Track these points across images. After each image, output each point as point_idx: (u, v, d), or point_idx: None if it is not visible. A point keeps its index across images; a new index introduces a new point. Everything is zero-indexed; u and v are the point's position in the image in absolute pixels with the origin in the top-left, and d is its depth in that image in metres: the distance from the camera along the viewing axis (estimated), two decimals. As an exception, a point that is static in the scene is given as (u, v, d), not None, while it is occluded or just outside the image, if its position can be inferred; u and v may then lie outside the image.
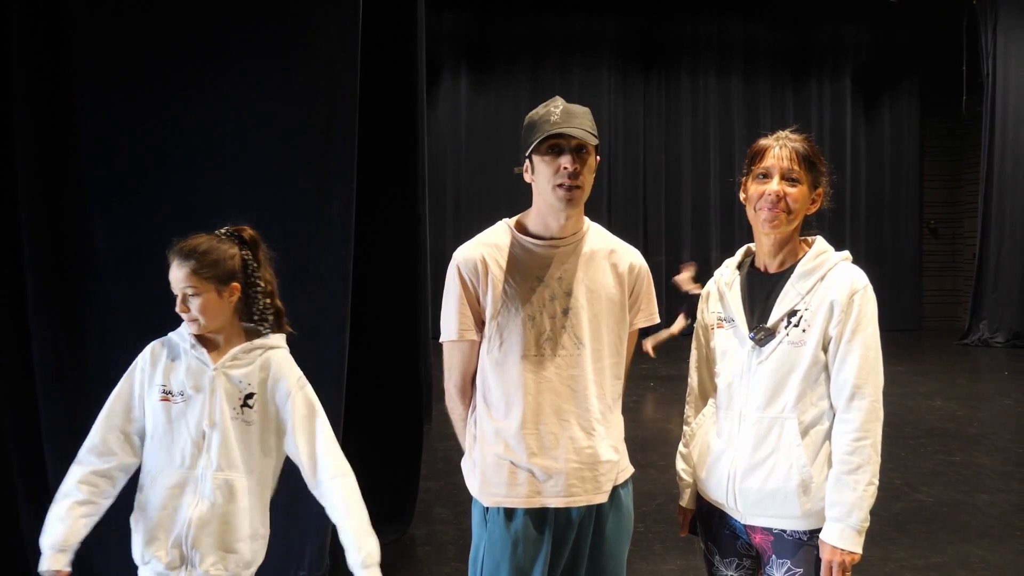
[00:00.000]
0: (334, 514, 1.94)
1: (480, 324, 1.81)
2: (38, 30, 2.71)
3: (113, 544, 2.06)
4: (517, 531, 1.77)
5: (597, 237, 1.87)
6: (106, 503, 1.93)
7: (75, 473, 1.92)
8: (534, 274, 1.79)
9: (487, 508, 1.81)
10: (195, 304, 1.88)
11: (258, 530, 1.97)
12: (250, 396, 1.93)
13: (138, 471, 1.97)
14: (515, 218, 1.87)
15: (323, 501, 1.96)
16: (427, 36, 6.24)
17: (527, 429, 1.77)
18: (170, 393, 1.90)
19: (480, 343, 1.82)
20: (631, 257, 1.89)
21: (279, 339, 2.01)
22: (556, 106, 1.76)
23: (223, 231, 2.00)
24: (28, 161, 2.74)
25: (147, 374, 1.94)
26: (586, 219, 1.87)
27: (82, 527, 1.88)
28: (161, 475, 1.91)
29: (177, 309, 1.90)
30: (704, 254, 12.18)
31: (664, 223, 12.44)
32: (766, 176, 1.74)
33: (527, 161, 1.79)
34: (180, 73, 2.80)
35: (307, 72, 2.87)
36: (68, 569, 1.86)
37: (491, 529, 1.80)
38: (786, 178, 1.73)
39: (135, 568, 1.96)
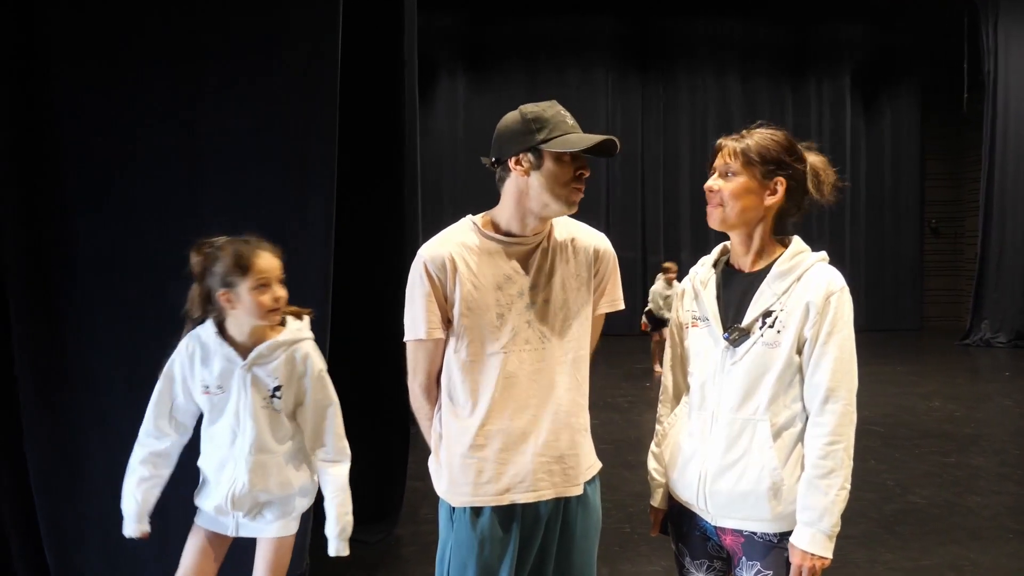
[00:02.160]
0: (325, 487, 2.23)
1: (447, 322, 1.79)
2: (14, 30, 2.70)
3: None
4: (484, 530, 1.76)
5: (560, 227, 1.86)
6: (167, 472, 2.24)
7: (137, 454, 2.22)
8: (501, 271, 1.78)
9: (453, 508, 1.80)
10: (282, 294, 2.09)
11: (290, 480, 2.20)
12: (277, 388, 2.15)
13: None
14: (480, 215, 1.85)
15: (318, 470, 2.24)
16: (423, 36, 6.23)
17: (494, 425, 1.76)
18: (208, 387, 2.15)
19: (446, 341, 1.80)
20: (595, 241, 1.88)
21: (303, 328, 2.21)
22: (563, 110, 1.76)
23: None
24: (5, 162, 2.73)
25: (187, 367, 2.16)
26: None
27: (152, 497, 2.22)
28: (210, 451, 2.20)
29: (268, 300, 2.07)
30: (703, 253, 12.13)
31: (662, 222, 12.42)
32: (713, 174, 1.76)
33: (528, 154, 1.73)
34: (158, 73, 2.79)
35: (286, 72, 2.85)
36: (148, 529, 2.24)
37: (457, 529, 1.79)
38: (723, 173, 1.73)
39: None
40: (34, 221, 2.78)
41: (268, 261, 2.08)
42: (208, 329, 2.15)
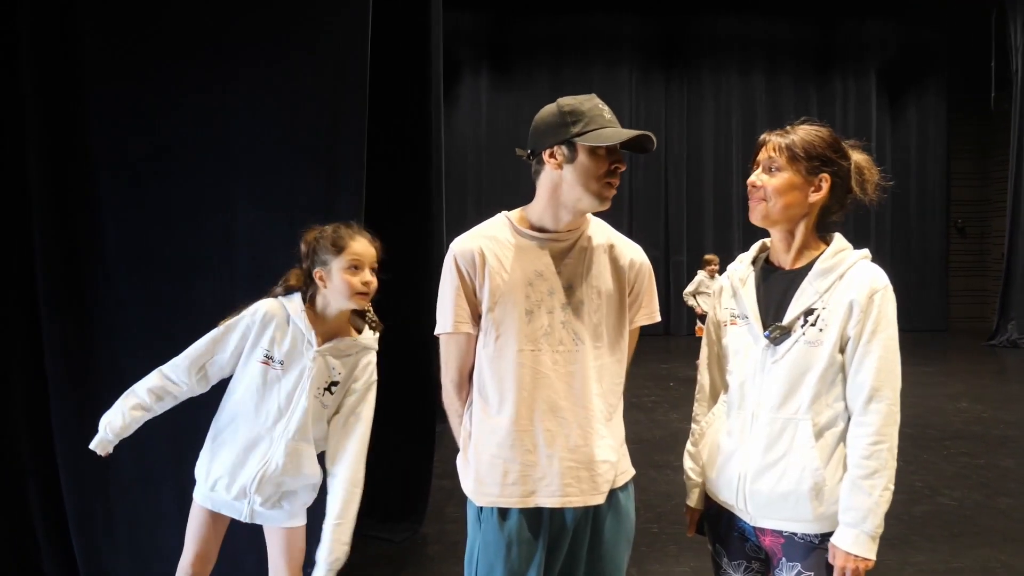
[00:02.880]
0: (331, 509, 2.15)
1: (476, 317, 1.78)
2: (48, 29, 2.73)
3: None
4: (511, 532, 1.74)
5: (598, 231, 1.83)
6: (159, 411, 2.25)
7: (150, 379, 2.22)
8: (533, 268, 1.76)
9: (481, 508, 1.78)
10: (372, 281, 2.12)
11: (315, 473, 2.20)
12: (334, 384, 2.17)
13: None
14: (515, 211, 1.84)
15: (329, 490, 2.18)
16: (447, 35, 6.23)
17: (522, 425, 1.74)
18: (271, 358, 2.14)
19: (476, 337, 1.79)
20: (632, 253, 1.85)
21: (374, 341, 2.26)
22: (601, 103, 1.73)
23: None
24: (39, 160, 2.76)
25: (254, 331, 2.15)
26: (587, 214, 1.84)
27: (134, 424, 2.22)
28: (243, 426, 2.17)
29: (357, 282, 2.11)
30: (727, 253, 12.08)
31: (686, 222, 12.35)
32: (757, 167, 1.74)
33: (562, 147, 1.71)
34: (189, 70, 2.80)
35: (316, 68, 2.86)
36: (111, 451, 2.25)
37: (485, 529, 1.77)
38: (767, 168, 1.71)
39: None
40: (66, 220, 2.80)
41: (363, 246, 2.13)
42: (296, 303, 2.15)
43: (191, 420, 2.84)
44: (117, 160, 2.81)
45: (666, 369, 8.90)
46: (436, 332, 1.81)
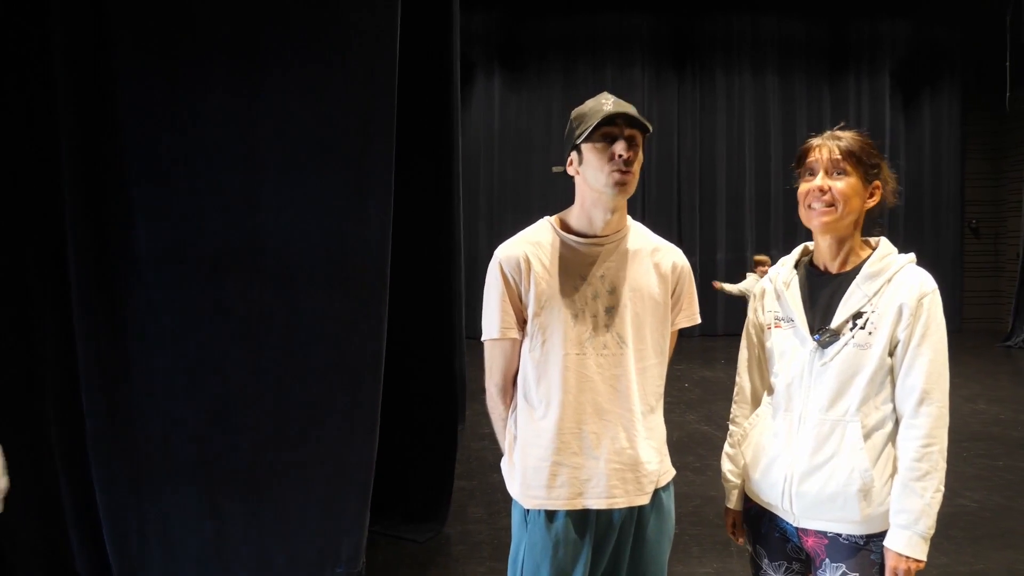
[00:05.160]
0: None
1: (522, 322, 1.79)
2: (81, 30, 2.75)
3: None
4: (558, 533, 1.76)
5: (640, 236, 1.85)
6: None
7: None
8: (577, 272, 1.77)
9: (527, 510, 1.80)
10: None
11: None
12: None
13: None
14: (557, 216, 1.85)
15: None
16: (460, 36, 6.24)
17: (568, 428, 1.76)
18: None
19: (522, 342, 1.80)
20: (674, 256, 1.86)
21: None
22: (607, 99, 1.74)
23: None
24: (72, 161, 2.78)
25: None
26: (628, 217, 1.85)
27: None
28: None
29: None
30: (739, 253, 12.07)
31: (699, 221, 12.33)
32: (812, 173, 1.72)
33: (574, 153, 1.76)
34: (219, 73, 2.82)
35: (345, 71, 2.88)
36: None
37: (532, 531, 1.78)
38: (831, 172, 1.71)
39: None
40: (98, 221, 2.83)
41: None
42: None
43: (218, 419, 2.88)
44: (149, 160, 2.83)
45: (680, 370, 8.90)
46: (483, 339, 1.82)
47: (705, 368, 8.54)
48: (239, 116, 2.84)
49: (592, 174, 1.73)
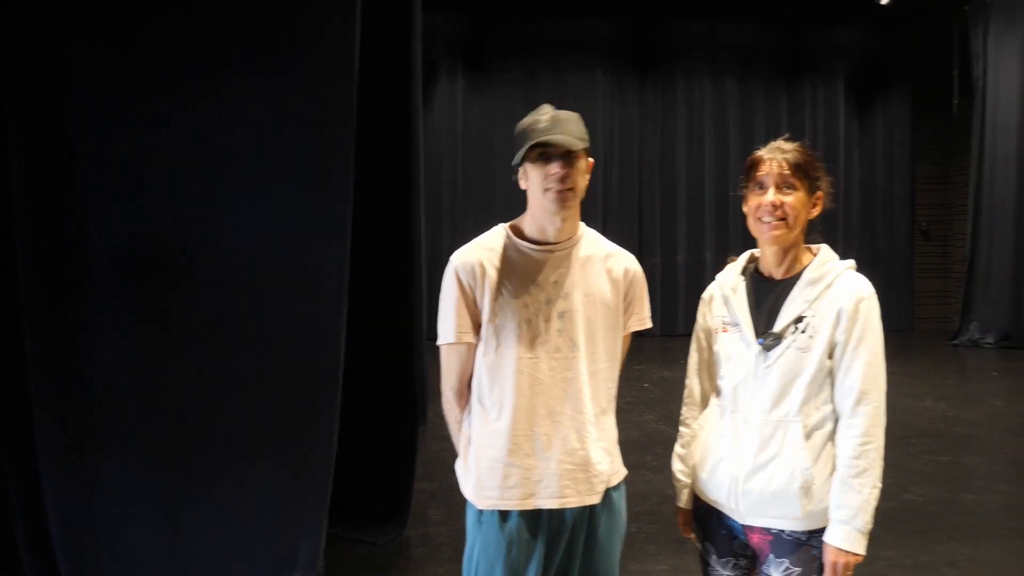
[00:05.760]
0: None
1: (477, 327, 1.83)
2: (33, 31, 2.71)
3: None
4: (511, 533, 1.80)
5: (592, 242, 1.90)
6: None
7: None
8: (530, 278, 1.82)
9: (481, 511, 1.83)
10: None
11: None
12: None
13: None
14: (511, 223, 1.90)
15: None
16: (423, 37, 6.24)
17: (521, 431, 1.80)
18: None
19: (477, 346, 1.84)
20: (626, 262, 1.92)
21: None
22: (543, 114, 1.80)
23: None
24: (23, 165, 2.74)
25: None
26: (582, 224, 1.90)
27: None
28: None
29: None
30: (699, 256, 12.25)
31: (659, 225, 12.48)
32: (762, 187, 1.78)
33: (520, 169, 1.83)
34: (175, 74, 2.79)
35: (303, 73, 2.87)
36: None
37: (485, 531, 1.82)
38: (781, 187, 1.76)
39: None
40: (50, 226, 2.78)
41: None
42: None
43: (172, 423, 2.86)
44: (102, 163, 2.79)
45: (640, 371, 9.00)
46: (439, 343, 1.86)
47: (665, 368, 8.66)
48: (196, 120, 2.82)
49: (534, 190, 1.80)
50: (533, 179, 1.79)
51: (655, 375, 8.49)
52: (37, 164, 2.76)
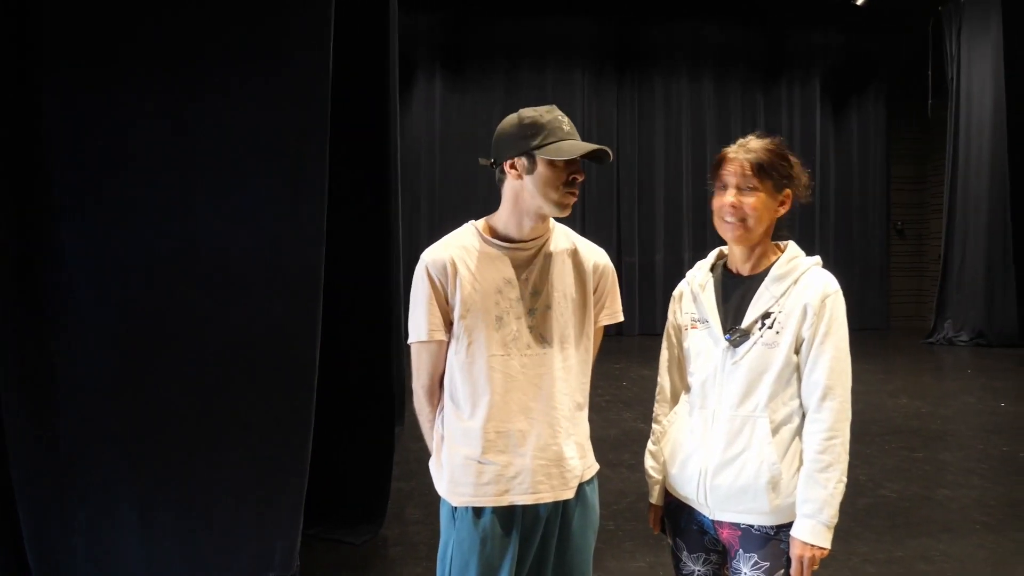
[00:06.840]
0: None
1: (448, 325, 1.83)
2: (4, 29, 2.68)
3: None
4: (485, 529, 1.80)
5: (562, 237, 1.90)
6: None
7: None
8: (501, 275, 1.82)
9: (455, 507, 1.84)
10: None
11: None
12: None
13: None
14: (482, 220, 1.89)
15: None
16: (401, 37, 6.23)
17: (494, 427, 1.80)
18: None
19: (448, 344, 1.84)
20: (595, 256, 1.92)
21: None
22: (561, 115, 1.79)
23: None
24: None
25: None
26: (551, 220, 1.90)
27: None
28: None
29: None
30: (677, 254, 12.32)
31: (637, 224, 12.54)
32: (724, 187, 1.80)
33: (522, 158, 1.76)
34: (151, 75, 2.78)
35: (279, 74, 2.87)
36: None
37: (459, 528, 1.82)
38: (742, 188, 1.77)
39: None
40: (23, 225, 2.75)
41: None
42: None
43: (146, 423, 2.84)
44: (76, 164, 2.77)
45: (619, 369, 9.04)
46: (410, 341, 1.85)
47: (643, 366, 8.70)
48: (172, 122, 2.80)
49: (542, 188, 1.76)
50: (547, 178, 1.74)
51: (633, 374, 8.53)
52: (8, 166, 2.73)
